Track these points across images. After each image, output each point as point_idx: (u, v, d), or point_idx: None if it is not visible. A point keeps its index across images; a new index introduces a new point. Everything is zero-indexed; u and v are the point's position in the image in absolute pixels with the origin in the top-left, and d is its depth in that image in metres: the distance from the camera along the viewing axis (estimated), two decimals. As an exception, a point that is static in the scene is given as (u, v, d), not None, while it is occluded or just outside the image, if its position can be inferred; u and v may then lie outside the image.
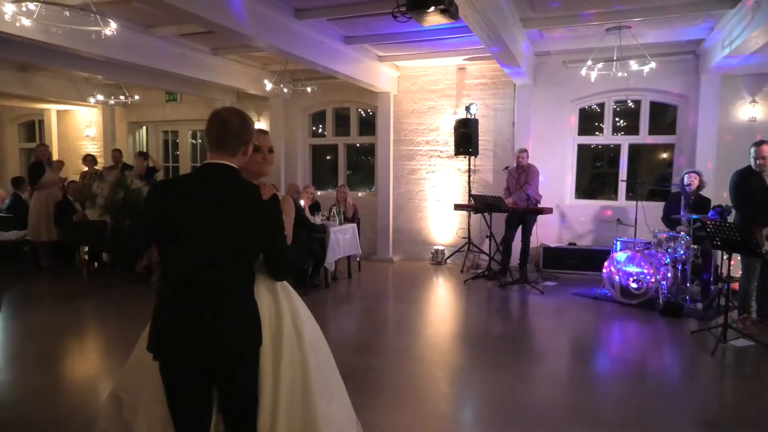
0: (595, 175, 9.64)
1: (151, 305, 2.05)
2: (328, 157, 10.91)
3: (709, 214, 6.13)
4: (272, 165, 2.34)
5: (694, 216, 6.01)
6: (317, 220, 7.41)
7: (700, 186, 6.51)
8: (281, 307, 2.24)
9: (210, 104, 10.93)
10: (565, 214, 8.68)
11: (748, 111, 7.68)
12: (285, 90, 8.76)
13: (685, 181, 6.52)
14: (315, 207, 7.83)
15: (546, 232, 8.43)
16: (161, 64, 7.52)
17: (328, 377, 2.45)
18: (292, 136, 10.61)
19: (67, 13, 4.92)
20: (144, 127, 12.35)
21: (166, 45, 7.51)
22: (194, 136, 12.09)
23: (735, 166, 5.54)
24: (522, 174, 7.67)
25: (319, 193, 9.48)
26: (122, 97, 10.17)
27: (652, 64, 6.75)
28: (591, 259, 7.88)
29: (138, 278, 7.44)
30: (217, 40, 7.76)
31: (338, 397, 2.49)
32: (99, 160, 10.48)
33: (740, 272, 5.50)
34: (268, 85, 8.56)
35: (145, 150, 11.45)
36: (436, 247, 9.18)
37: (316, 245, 6.84)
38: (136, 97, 10.28)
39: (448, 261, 9.05)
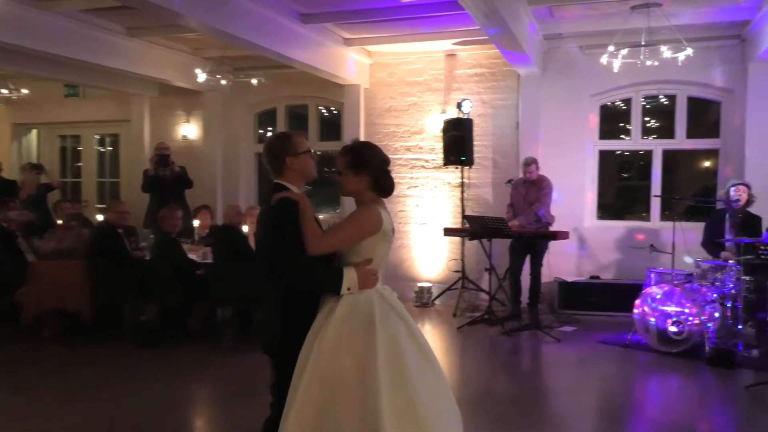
0: (621, 189, 9.89)
1: (44, 368, 2.13)
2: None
3: (763, 237, 6.35)
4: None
5: (745, 239, 6.21)
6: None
7: (750, 201, 6.74)
8: (318, 320, 2.87)
9: (124, 100, 10.90)
10: (584, 239, 8.85)
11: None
12: (223, 82, 8.79)
13: (732, 195, 6.74)
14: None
15: (561, 263, 8.57)
16: (59, 47, 7.50)
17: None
18: (232, 142, 10.60)
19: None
20: (34, 131, 12.22)
21: (66, 23, 7.49)
22: (102, 143, 11.99)
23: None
24: (531, 188, 7.83)
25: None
26: (5, 91, 10.06)
27: (689, 51, 7.01)
28: (619, 296, 8.00)
29: (26, 332, 7.26)
30: (135, 18, 7.76)
31: None
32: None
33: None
34: (201, 76, 8.59)
35: (36, 161, 11.29)
36: (421, 284, 9.23)
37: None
38: (24, 91, 10.18)
39: (438, 302, 9.10)
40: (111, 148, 11.94)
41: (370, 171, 2.94)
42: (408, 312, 3.02)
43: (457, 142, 8.60)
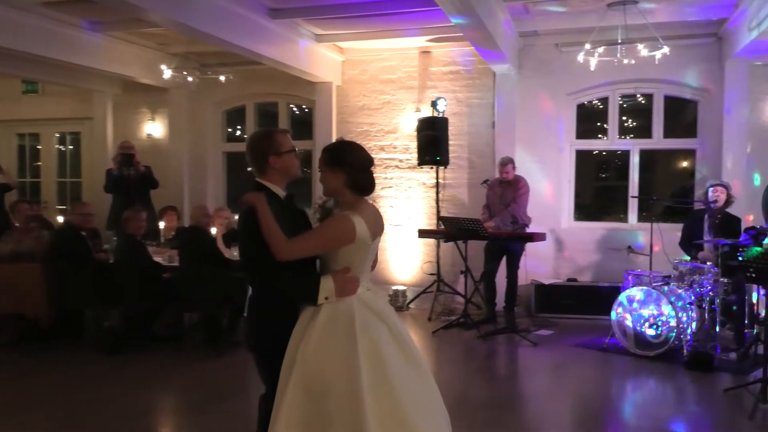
0: (599, 189, 10.00)
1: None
2: (249, 169, 10.84)
3: (741, 238, 6.46)
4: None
5: (722, 241, 6.32)
6: (234, 253, 7.32)
7: (728, 201, 6.87)
8: (299, 324, 2.90)
9: (86, 97, 10.76)
10: (561, 240, 8.93)
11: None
12: (189, 79, 8.72)
13: (710, 196, 6.86)
14: (231, 236, 7.75)
15: (538, 265, 8.63)
16: (16, 42, 7.38)
17: None
18: (199, 141, 10.52)
19: None
20: (-10, 129, 12.00)
21: (24, 18, 7.38)
22: (62, 141, 11.82)
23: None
24: (507, 189, 7.87)
25: (236, 217, 9.39)
26: (-40, 88, 9.89)
27: (666, 49, 7.12)
28: (596, 299, 8.09)
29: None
30: (97, 12, 7.68)
31: None
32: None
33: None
34: (167, 72, 8.50)
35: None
36: (395, 288, 9.23)
37: (232, 288, 6.77)
38: (-20, 87, 10.02)
39: (412, 305, 9.11)
40: (72, 147, 11.77)
41: (346, 169, 2.97)
42: (392, 312, 3.07)
43: (432, 141, 8.63)
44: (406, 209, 9.51)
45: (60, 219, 9.48)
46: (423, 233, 8.51)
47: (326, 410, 2.76)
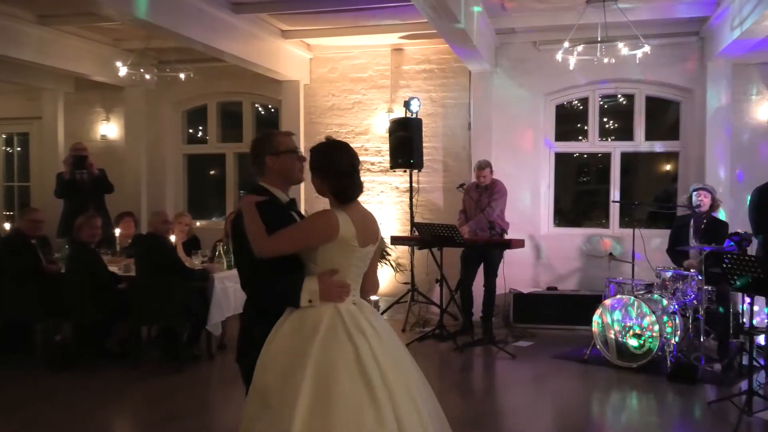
0: (579, 193, 10.08)
1: None
2: (212, 172, 10.77)
3: (725, 245, 6.55)
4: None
5: (707, 247, 6.40)
6: (195, 262, 7.25)
7: (714, 206, 6.96)
8: (273, 329, 2.86)
9: (35, 95, 10.61)
10: (541, 247, 8.98)
11: (766, 110, 8.34)
12: (147, 76, 8.63)
13: (694, 200, 6.95)
14: (192, 244, 7.66)
15: (517, 273, 8.63)
16: (-41, 36, 7.28)
17: None
18: (157, 142, 10.41)
19: None
20: (-70, 130, 11.77)
21: (-33, 9, 7.27)
22: (9, 143, 11.64)
23: (753, 181, 5.99)
24: (484, 194, 7.89)
25: (198, 223, 9.32)
26: None
27: (647, 48, 7.19)
28: (577, 308, 8.14)
29: None
30: (46, 5, 7.60)
31: None
32: None
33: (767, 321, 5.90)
34: (122, 70, 8.42)
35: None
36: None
37: (192, 299, 6.69)
38: None
39: (385, 316, 9.06)
40: (20, 149, 11.62)
41: (324, 174, 2.97)
42: (379, 332, 2.85)
43: (405, 143, 8.60)
44: (378, 215, 9.31)
45: (7, 226, 9.31)
46: (396, 240, 8.49)
47: (270, 423, 2.66)
